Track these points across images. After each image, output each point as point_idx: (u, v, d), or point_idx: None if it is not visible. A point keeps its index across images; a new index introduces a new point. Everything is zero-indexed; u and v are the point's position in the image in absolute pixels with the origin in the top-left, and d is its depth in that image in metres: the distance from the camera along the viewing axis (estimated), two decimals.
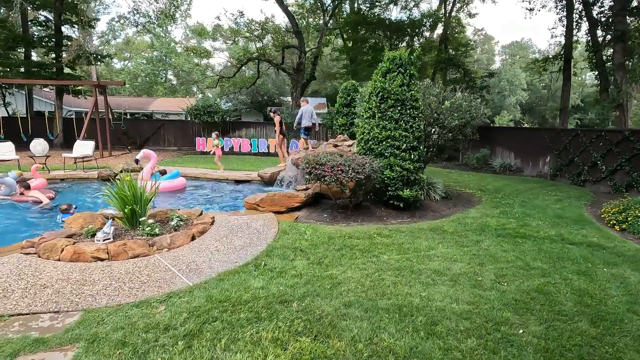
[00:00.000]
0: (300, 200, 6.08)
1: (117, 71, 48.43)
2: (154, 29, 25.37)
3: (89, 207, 6.80)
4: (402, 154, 5.92)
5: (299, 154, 7.58)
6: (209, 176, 10.16)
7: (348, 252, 4.39)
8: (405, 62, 6.10)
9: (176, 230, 4.74)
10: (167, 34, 51.28)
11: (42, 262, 3.76)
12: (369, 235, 5.00)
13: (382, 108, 6.01)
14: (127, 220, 4.54)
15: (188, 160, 14.19)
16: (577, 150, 10.58)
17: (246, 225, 5.29)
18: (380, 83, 6.07)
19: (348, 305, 3.10)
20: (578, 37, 15.59)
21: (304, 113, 8.62)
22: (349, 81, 9.59)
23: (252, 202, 6.22)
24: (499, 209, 7.07)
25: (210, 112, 16.97)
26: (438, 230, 5.45)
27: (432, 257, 4.34)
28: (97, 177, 9.50)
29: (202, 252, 4.22)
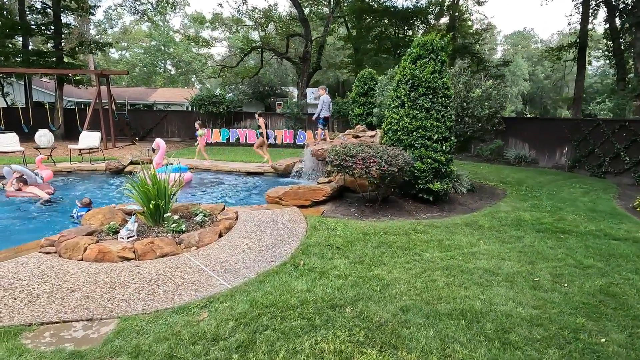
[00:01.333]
0: (326, 193, 5.79)
1: (115, 61, 47.57)
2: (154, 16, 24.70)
3: (101, 201, 6.50)
4: (434, 145, 5.62)
5: (319, 146, 7.27)
6: (220, 168, 9.87)
7: (387, 249, 4.13)
8: (437, 47, 5.77)
9: (202, 227, 4.45)
10: (166, 22, 50.40)
11: (64, 262, 3.47)
12: (405, 231, 4.74)
13: (412, 96, 5.69)
14: (150, 216, 4.25)
15: (194, 151, 13.84)
16: (597, 141, 10.31)
17: (272, 221, 5.02)
18: (410, 70, 5.74)
19: (405, 310, 2.84)
20: (594, 25, 15.21)
21: (325, 103, 8.26)
22: (366, 69, 9.23)
23: (274, 196, 5.94)
24: (528, 202, 6.81)
25: (215, 102, 16.55)
26: (474, 225, 5.19)
27: (477, 254, 4.08)
28: (105, 169, 9.18)
29: (233, 250, 3.94)
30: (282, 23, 21.66)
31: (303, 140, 16.51)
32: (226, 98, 16.74)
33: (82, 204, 5.37)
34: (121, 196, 6.84)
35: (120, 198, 6.74)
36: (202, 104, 16.59)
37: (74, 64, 17.48)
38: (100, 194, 7.26)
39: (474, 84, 6.59)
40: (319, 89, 8.29)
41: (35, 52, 17.03)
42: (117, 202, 6.39)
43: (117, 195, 6.80)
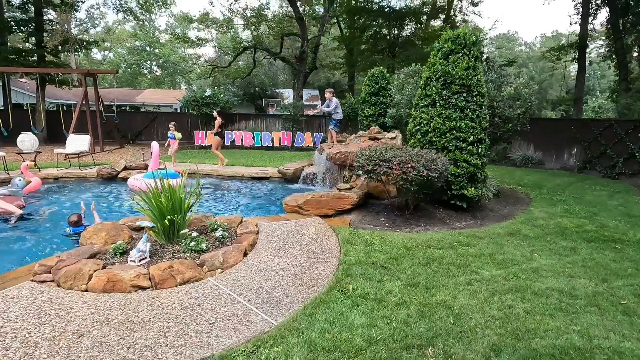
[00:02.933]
0: (351, 202, 5.27)
1: (98, 62, 46.07)
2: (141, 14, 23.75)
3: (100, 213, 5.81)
4: (469, 147, 5.17)
5: (335, 149, 6.75)
6: (221, 173, 9.24)
7: (439, 267, 3.63)
8: (469, 42, 5.33)
9: (222, 244, 3.87)
10: (151, 22, 49.13)
11: (64, 294, 2.85)
12: (449, 244, 4.25)
13: (445, 95, 5.23)
14: (164, 233, 3.64)
15: (189, 155, 13.12)
16: (609, 142, 10.11)
17: (298, 234, 4.46)
18: (441, 66, 5.28)
19: (497, 351, 2.34)
20: (593, 25, 15.19)
21: (338, 105, 7.79)
22: (377, 68, 8.77)
23: (293, 205, 5.38)
24: (558, 206, 6.44)
25: (209, 103, 15.84)
26: (517, 235, 4.75)
27: (539, 271, 3.62)
28: (96, 176, 8.43)
29: (265, 272, 3.37)
30: (276, 22, 21.06)
31: (302, 142, 15.99)
32: (221, 99, 16.04)
33: (70, 222, 4.67)
34: (118, 204, 6.16)
35: (116, 207, 6.07)
36: (195, 105, 15.86)
37: (57, 63, 16.49)
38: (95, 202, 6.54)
39: (505, 82, 6.19)
40: (326, 92, 7.84)
41: (15, 50, 15.98)
42: (115, 212, 5.74)
43: (114, 205, 6.12)
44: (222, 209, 6.25)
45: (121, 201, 6.58)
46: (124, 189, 7.50)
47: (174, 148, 10.33)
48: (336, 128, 7.76)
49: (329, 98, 7.73)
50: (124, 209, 6.03)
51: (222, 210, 6.23)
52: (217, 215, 4.89)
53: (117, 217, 5.40)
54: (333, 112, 7.77)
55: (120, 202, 6.52)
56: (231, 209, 6.30)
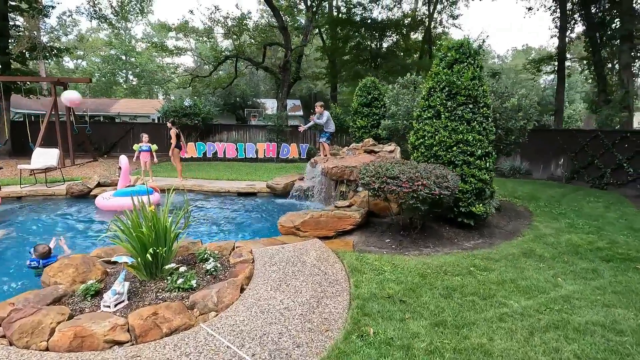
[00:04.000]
0: (354, 222, 4.84)
1: (70, 70, 44.26)
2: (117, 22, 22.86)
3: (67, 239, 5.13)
4: (477, 161, 4.87)
5: (331, 163, 6.33)
6: (206, 189, 8.62)
7: (462, 299, 3.24)
8: (472, 51, 5.08)
9: (214, 277, 3.34)
10: (127, 31, 47.85)
11: (17, 355, 2.26)
12: (466, 269, 3.88)
13: (450, 106, 4.94)
14: (146, 269, 3.09)
15: (169, 168, 12.39)
16: (597, 152, 10.17)
17: (298, 261, 3.99)
18: (445, 76, 4.99)
19: None
20: (571, 38, 15.66)
21: (330, 118, 7.46)
22: (368, 78, 8.49)
23: (289, 226, 4.90)
24: (561, 221, 6.24)
25: (190, 113, 15.18)
26: (532, 255, 4.45)
27: (570, 300, 3.29)
28: (65, 194, 7.66)
29: (267, 314, 2.87)
30: (258, 31, 20.68)
31: (287, 154, 15.52)
32: (202, 109, 15.41)
33: (38, 253, 4.02)
34: (91, 230, 5.49)
35: (88, 233, 5.39)
36: (175, 115, 15.14)
37: (25, 70, 15.43)
38: (62, 226, 5.83)
39: (507, 93, 5.99)
40: (316, 106, 7.50)
41: None
42: (86, 238, 5.07)
43: (87, 231, 5.44)
44: (208, 231, 5.68)
45: (93, 224, 5.89)
46: (98, 211, 6.79)
47: (147, 162, 9.61)
48: (328, 141, 7.39)
49: (319, 112, 7.39)
50: (94, 233, 5.37)
51: (209, 232, 5.66)
52: (206, 242, 4.36)
53: (88, 245, 4.76)
54: (325, 125, 7.41)
55: (91, 225, 5.84)
56: (218, 231, 5.74)
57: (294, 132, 17.77)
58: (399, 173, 4.18)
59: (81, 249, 4.53)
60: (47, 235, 5.14)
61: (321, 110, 7.36)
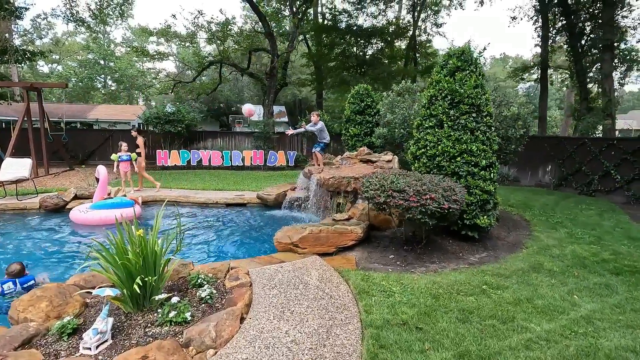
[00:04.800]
0: (356, 237, 4.58)
1: (44, 75, 42.63)
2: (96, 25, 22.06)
3: (41, 261, 4.65)
4: (482, 172, 4.71)
5: (326, 173, 6.05)
6: (192, 200, 8.19)
7: (481, 323, 3.01)
8: (474, 59, 4.95)
9: (210, 305, 3.00)
10: (106, 34, 46.61)
11: None
12: (479, 288, 3.67)
13: (453, 115, 4.77)
14: (132, 299, 2.72)
15: (152, 177, 11.82)
16: (584, 159, 10.31)
17: (300, 282, 3.68)
18: (447, 84, 4.83)
19: None
20: (554, 47, 16.05)
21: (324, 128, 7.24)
22: (361, 85, 8.30)
23: (287, 242, 4.59)
24: (559, 230, 6.17)
25: (174, 120, 14.66)
26: (541, 270, 4.29)
27: (592, 321, 3.11)
28: (39, 207, 7.10)
29: (272, 349, 2.56)
30: (244, 37, 20.33)
31: (274, 161, 15.17)
32: (186, 115, 14.91)
33: (9, 273, 3.60)
34: (66, 253, 5.01)
35: (59, 253, 4.91)
36: (157, 122, 14.60)
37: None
38: (34, 246, 5.32)
39: (505, 101, 5.89)
40: (312, 114, 7.27)
41: None
42: (65, 263, 4.60)
43: (63, 251, 4.95)
44: (198, 249, 5.29)
45: (70, 244, 5.41)
46: (74, 226, 6.29)
47: (127, 172, 9.08)
48: (322, 151, 7.15)
49: (314, 121, 7.15)
50: (72, 253, 4.90)
51: (198, 249, 5.28)
52: (197, 263, 4.00)
53: (65, 270, 4.30)
54: (319, 135, 7.17)
55: (68, 245, 5.35)
56: (208, 248, 5.36)
57: (281, 139, 17.48)
58: (406, 186, 3.95)
59: (57, 274, 4.09)
60: (16, 257, 4.66)
61: (317, 119, 7.14)
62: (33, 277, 3.70)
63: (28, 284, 3.61)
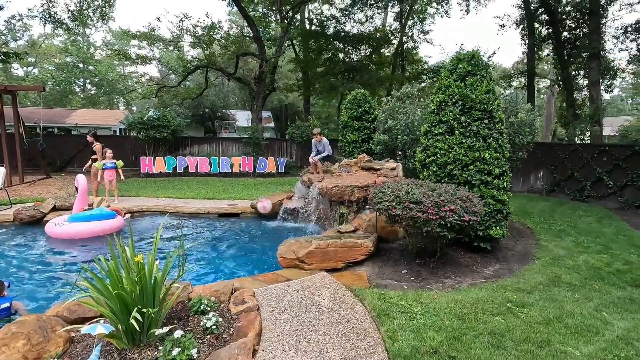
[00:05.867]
0: (366, 251, 4.28)
1: (19, 78, 40.86)
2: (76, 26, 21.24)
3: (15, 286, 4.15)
4: (495, 181, 4.52)
5: (328, 182, 5.76)
6: (181, 210, 7.73)
7: (516, 349, 2.76)
8: (484, 63, 4.78)
9: (216, 337, 2.64)
10: (85, 37, 45.27)
11: None
12: (503, 306, 3.43)
13: (464, 121, 4.57)
14: (127, 334, 2.34)
15: (136, 185, 11.27)
16: (576, 166, 10.38)
17: (311, 304, 3.36)
18: (458, 89, 4.64)
19: None
20: (539, 55, 16.37)
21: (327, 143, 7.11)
22: (358, 90, 8.07)
23: (291, 258, 4.26)
24: (564, 239, 6.06)
25: (159, 126, 14.10)
26: (560, 283, 4.10)
27: (630, 342, 2.91)
28: (13, 220, 6.52)
29: None
30: (230, 41, 19.93)
31: (264, 168, 14.77)
32: (172, 121, 14.37)
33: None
34: (46, 274, 4.51)
35: (48, 278, 4.42)
36: (141, 127, 14.01)
37: None
38: (6, 266, 4.79)
39: (511, 107, 5.77)
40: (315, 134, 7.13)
41: None
42: (44, 287, 4.12)
43: (42, 272, 4.44)
44: (192, 265, 4.88)
45: (50, 264, 4.90)
46: (50, 240, 5.76)
47: (113, 180, 8.49)
48: (322, 160, 6.88)
49: (318, 139, 6.99)
50: (52, 274, 4.41)
51: (193, 266, 4.87)
52: (195, 284, 3.61)
53: (45, 296, 3.83)
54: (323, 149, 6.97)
55: (47, 265, 4.85)
56: (205, 265, 4.96)
57: (270, 145, 17.13)
58: (422, 197, 3.69)
59: (36, 303, 3.62)
60: None
61: (320, 138, 7.04)
62: (10, 299, 3.24)
63: (1, 307, 3.15)
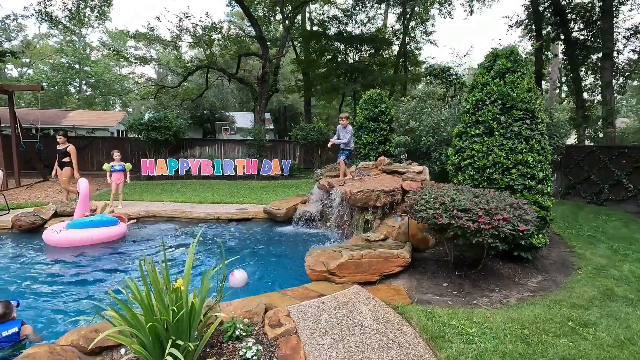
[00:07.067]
0: (403, 262, 3.94)
1: (14, 78, 40.15)
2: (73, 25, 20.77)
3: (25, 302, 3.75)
4: (539, 186, 4.20)
5: (352, 186, 5.40)
6: (189, 215, 7.34)
7: None
8: (524, 60, 4.47)
9: None
10: (81, 37, 44.69)
11: None
12: (565, 325, 3.10)
13: (504, 122, 4.25)
14: None
15: (138, 189, 10.86)
16: (592, 168, 10.12)
17: (354, 324, 3.01)
18: (496, 86, 4.32)
19: None
20: (547, 55, 16.22)
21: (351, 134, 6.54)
22: (373, 90, 7.73)
23: (321, 270, 3.91)
24: (598, 245, 5.77)
25: (160, 127, 13.69)
26: (615, 297, 3.77)
27: None
28: (11, 227, 6.11)
29: None
30: (231, 41, 19.56)
31: (269, 170, 14.40)
32: (174, 122, 13.97)
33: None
34: (54, 289, 4.10)
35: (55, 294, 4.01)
36: (142, 129, 13.59)
37: None
38: (7, 281, 4.38)
39: (547, 108, 5.48)
40: (342, 117, 6.53)
41: None
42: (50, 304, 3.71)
43: (50, 286, 4.03)
44: None
45: (57, 276, 4.50)
46: (48, 248, 5.35)
47: (120, 184, 8.08)
48: (347, 159, 6.50)
49: (344, 124, 6.45)
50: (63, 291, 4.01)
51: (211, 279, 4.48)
52: (223, 303, 3.23)
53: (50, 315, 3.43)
54: (346, 141, 6.49)
55: (56, 277, 4.45)
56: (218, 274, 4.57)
57: (274, 147, 16.79)
58: (472, 204, 3.35)
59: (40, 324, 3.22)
60: None
61: (346, 122, 6.44)
62: (19, 323, 2.87)
63: (9, 332, 2.78)
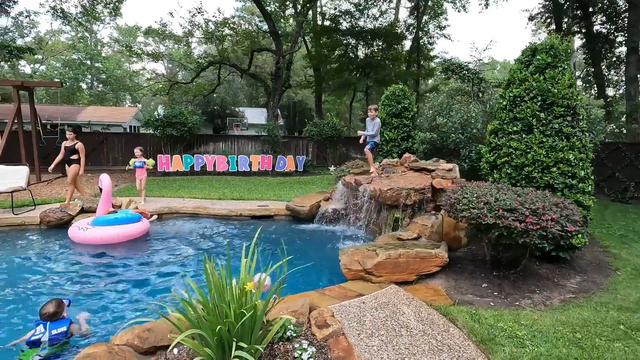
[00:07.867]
0: (441, 262, 3.88)
1: (27, 75, 40.72)
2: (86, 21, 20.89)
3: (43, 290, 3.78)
4: (580, 184, 4.09)
5: (381, 184, 5.33)
6: (211, 212, 7.35)
7: None
8: (565, 54, 4.34)
9: None
10: (92, 34, 45.01)
11: None
12: (617, 329, 3.01)
13: (544, 119, 4.14)
14: None
15: (157, 185, 10.91)
16: (617, 165, 9.89)
17: (399, 325, 2.96)
18: (536, 82, 4.20)
19: None
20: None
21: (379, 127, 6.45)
22: (396, 85, 7.63)
23: (357, 269, 3.86)
24: (632, 245, 5.63)
25: (176, 123, 13.73)
26: None
27: None
28: (39, 223, 6.17)
29: None
30: (244, 36, 19.50)
31: (283, 166, 14.37)
32: (189, 118, 14.01)
33: (41, 314, 2.85)
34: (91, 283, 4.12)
35: (97, 292, 4.03)
36: (158, 125, 13.64)
37: None
38: (41, 277, 4.42)
39: (585, 105, 5.34)
40: (370, 109, 6.45)
41: None
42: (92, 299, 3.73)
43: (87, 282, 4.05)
44: None
45: (90, 268, 4.52)
46: (80, 247, 5.38)
47: (142, 180, 8.12)
48: (372, 150, 6.41)
49: (372, 116, 6.37)
50: (103, 287, 4.02)
51: None
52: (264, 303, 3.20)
53: (98, 312, 3.44)
54: (374, 133, 6.41)
55: (90, 271, 4.47)
56: None
57: (288, 143, 16.75)
58: (517, 204, 3.26)
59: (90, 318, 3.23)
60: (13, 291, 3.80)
61: (374, 114, 6.36)
62: (68, 322, 2.89)
63: (58, 331, 2.80)
